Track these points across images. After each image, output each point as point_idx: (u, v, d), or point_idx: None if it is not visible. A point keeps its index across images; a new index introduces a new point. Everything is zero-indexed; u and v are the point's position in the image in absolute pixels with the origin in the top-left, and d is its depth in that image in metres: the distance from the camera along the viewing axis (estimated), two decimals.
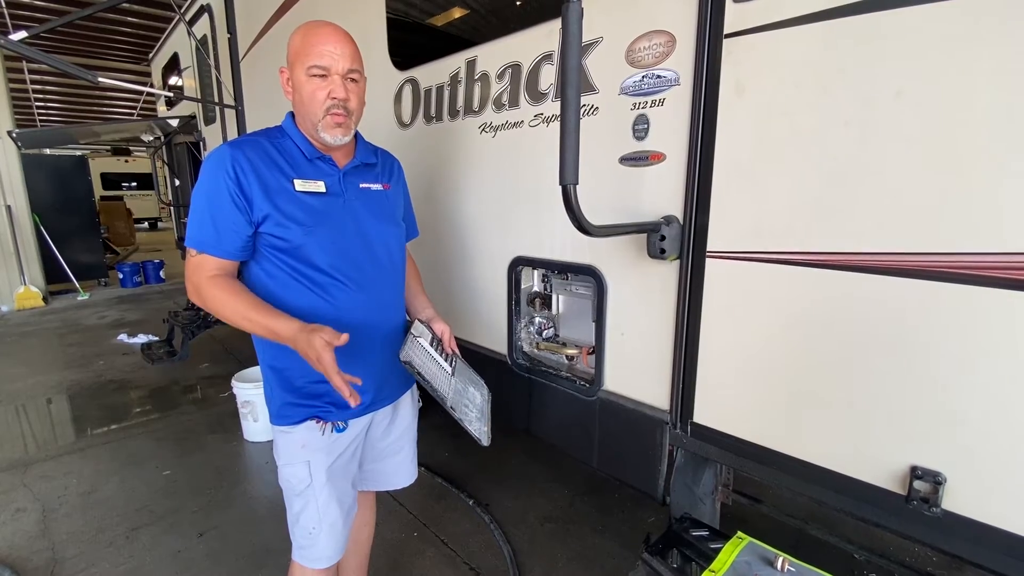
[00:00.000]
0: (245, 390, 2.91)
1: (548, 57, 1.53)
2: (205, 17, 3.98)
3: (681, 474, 1.42)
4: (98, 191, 12.03)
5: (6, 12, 5.47)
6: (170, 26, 5.48)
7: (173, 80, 5.58)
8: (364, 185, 1.27)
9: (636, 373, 1.47)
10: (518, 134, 1.67)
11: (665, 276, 1.34)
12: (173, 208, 6.16)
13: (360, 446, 1.35)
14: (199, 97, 4.56)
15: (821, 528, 1.43)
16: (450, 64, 1.87)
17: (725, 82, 1.16)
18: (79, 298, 7.14)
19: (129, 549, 2.09)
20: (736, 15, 1.12)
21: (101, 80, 2.86)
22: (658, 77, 1.28)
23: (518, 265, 1.77)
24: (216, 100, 3.94)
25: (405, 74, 2.09)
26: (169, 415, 3.40)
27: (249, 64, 3.50)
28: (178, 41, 5.13)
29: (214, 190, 1.10)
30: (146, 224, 18.54)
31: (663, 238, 1.27)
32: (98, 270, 7.98)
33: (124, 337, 5.13)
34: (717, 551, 1.13)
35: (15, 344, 5.12)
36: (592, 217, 1.12)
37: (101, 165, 15.99)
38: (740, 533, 1.17)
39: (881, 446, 1.03)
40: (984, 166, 0.86)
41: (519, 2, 1.74)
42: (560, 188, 1.04)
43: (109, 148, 15.05)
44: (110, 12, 7.77)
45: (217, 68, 3.92)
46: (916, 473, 0.98)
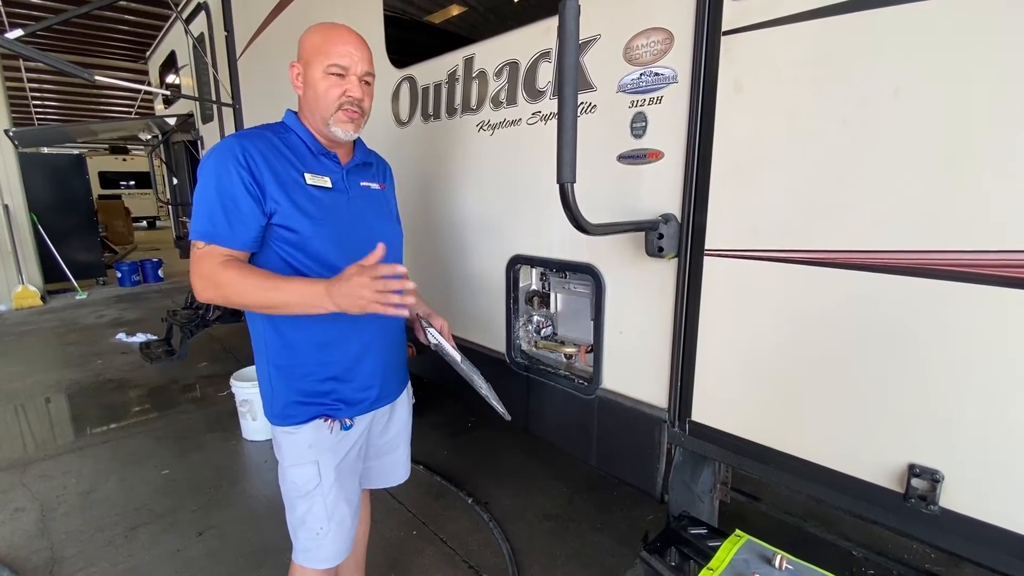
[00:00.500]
0: (244, 389, 2.91)
1: (546, 55, 1.53)
2: (202, 15, 3.97)
3: (679, 472, 1.42)
4: (96, 190, 11.99)
5: (2, 10, 5.46)
6: (167, 24, 5.46)
7: (170, 78, 5.57)
8: (364, 183, 1.28)
9: (634, 371, 1.47)
10: (516, 132, 1.66)
11: (663, 274, 1.34)
12: (171, 207, 6.16)
13: (365, 443, 1.35)
14: (196, 95, 4.55)
15: (819, 526, 1.43)
16: (448, 62, 1.87)
17: (723, 80, 1.16)
18: (77, 297, 7.13)
19: (128, 548, 2.09)
20: (734, 12, 1.12)
21: (98, 78, 2.84)
22: (656, 75, 1.27)
23: (516, 263, 1.77)
24: (213, 98, 3.93)
25: (402, 72, 2.09)
26: (168, 414, 3.40)
27: (246, 62, 3.48)
28: (175, 39, 5.11)
29: (225, 180, 1.06)
30: (144, 223, 18.52)
31: (661, 236, 1.27)
32: (96, 269, 7.97)
33: (123, 336, 5.12)
34: (715, 549, 1.13)
35: (13, 343, 5.11)
36: (590, 215, 1.12)
37: (99, 164, 15.96)
38: (738, 531, 1.17)
39: (879, 444, 1.03)
40: (982, 163, 0.86)
41: None
42: (557, 186, 1.04)
43: (107, 147, 15.05)
44: (107, 10, 7.75)
45: (214, 66, 3.91)
46: (914, 471, 0.98)
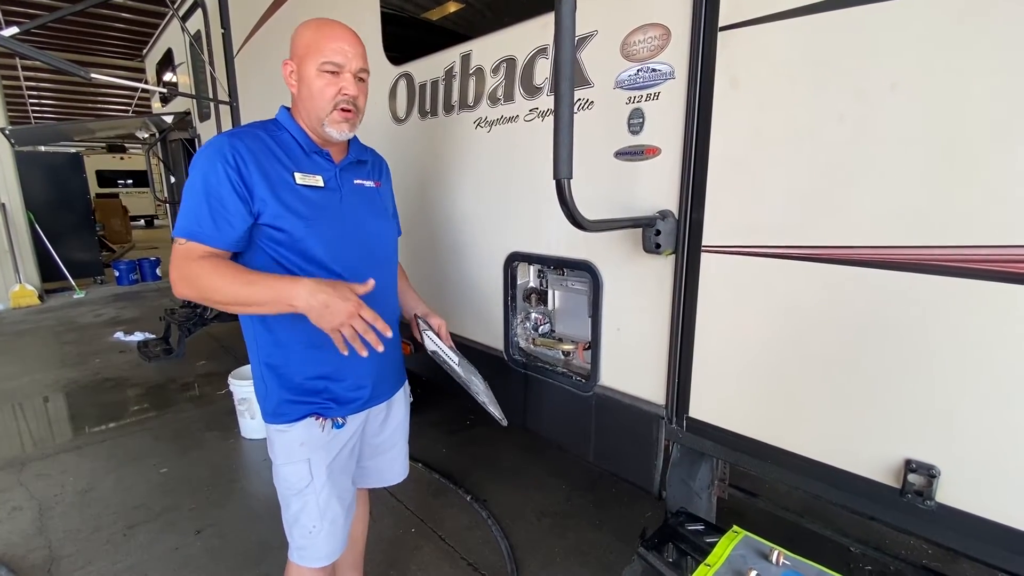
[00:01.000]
0: (242, 387, 2.91)
1: (543, 51, 1.52)
2: (199, 12, 3.95)
3: (677, 469, 1.42)
4: (93, 188, 11.94)
5: None
6: (164, 22, 5.44)
7: (167, 76, 5.55)
8: (358, 182, 1.27)
9: (632, 368, 1.47)
10: (513, 129, 1.66)
11: (660, 271, 1.34)
12: (169, 205, 6.13)
13: (358, 443, 1.35)
14: (193, 93, 4.53)
15: (817, 522, 1.43)
16: (445, 58, 1.86)
17: (720, 76, 1.15)
18: (75, 296, 7.11)
19: (126, 547, 2.09)
20: (731, 8, 1.12)
21: (94, 76, 2.84)
22: (653, 71, 1.27)
23: (514, 261, 1.76)
24: (210, 96, 3.91)
25: (399, 69, 2.08)
26: (166, 413, 3.40)
27: (243, 59, 3.47)
28: (172, 37, 5.09)
29: (213, 179, 1.05)
30: (142, 221, 18.49)
31: (658, 233, 1.27)
32: (94, 268, 7.95)
33: (120, 335, 5.11)
34: (713, 545, 1.13)
35: (11, 342, 5.10)
36: (587, 212, 1.12)
37: (96, 162, 15.92)
38: (736, 527, 1.17)
39: (876, 439, 1.03)
40: (979, 159, 0.86)
41: None
42: (554, 183, 1.04)
43: (104, 145, 15.00)
44: (103, 8, 7.71)
45: (211, 64, 3.89)
46: (910, 466, 0.98)
